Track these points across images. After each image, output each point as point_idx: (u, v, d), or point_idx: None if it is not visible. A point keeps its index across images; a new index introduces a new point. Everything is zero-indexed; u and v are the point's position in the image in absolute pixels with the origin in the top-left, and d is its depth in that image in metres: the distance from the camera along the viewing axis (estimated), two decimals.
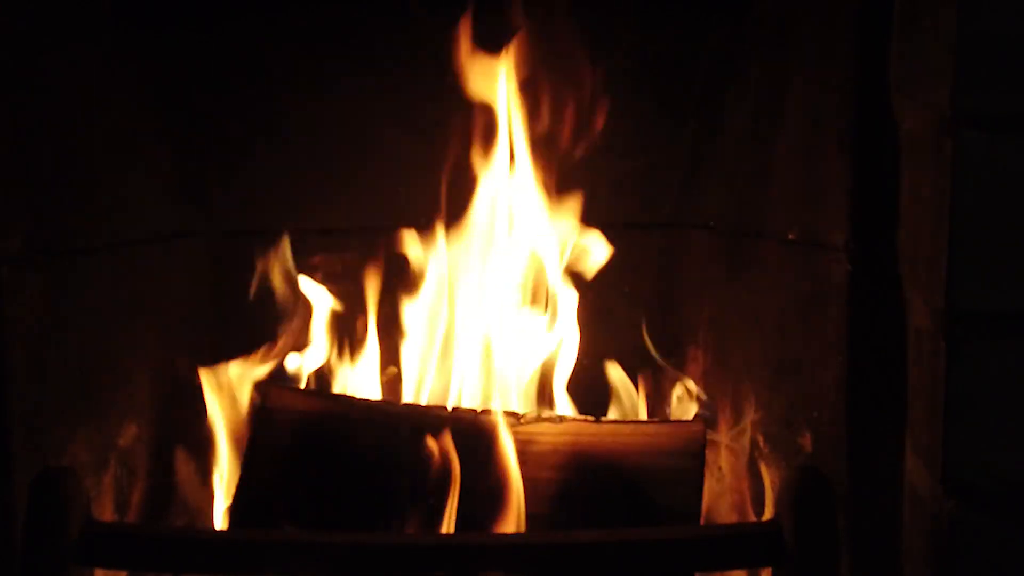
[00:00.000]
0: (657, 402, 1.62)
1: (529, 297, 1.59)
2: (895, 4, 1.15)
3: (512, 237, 1.57)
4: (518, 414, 1.43)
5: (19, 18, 1.28)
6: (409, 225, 1.59)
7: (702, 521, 1.41)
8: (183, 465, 1.61)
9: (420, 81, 1.57)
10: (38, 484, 1.21)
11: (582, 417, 1.50)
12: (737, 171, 1.54)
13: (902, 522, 1.15)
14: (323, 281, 1.62)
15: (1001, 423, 1.02)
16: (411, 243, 1.58)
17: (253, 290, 1.61)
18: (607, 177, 1.64)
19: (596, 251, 1.59)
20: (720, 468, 1.58)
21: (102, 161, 1.47)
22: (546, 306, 1.60)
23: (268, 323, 1.60)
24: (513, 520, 1.34)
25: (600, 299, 1.63)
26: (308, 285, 1.61)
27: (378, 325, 1.60)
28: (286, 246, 1.60)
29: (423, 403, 1.54)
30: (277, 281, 1.60)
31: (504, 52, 1.50)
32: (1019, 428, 1.02)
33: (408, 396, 1.58)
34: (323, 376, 1.61)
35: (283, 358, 1.58)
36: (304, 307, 1.61)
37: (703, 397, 1.55)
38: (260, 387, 1.54)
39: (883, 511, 1.18)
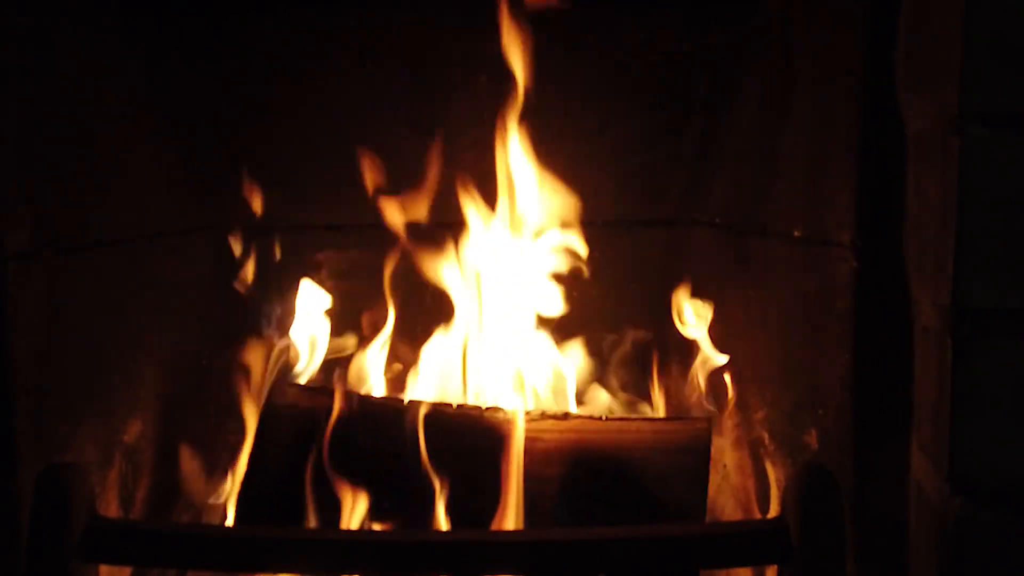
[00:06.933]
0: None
1: (532, 296, 1.59)
2: (902, 3, 1.15)
3: (515, 236, 1.57)
4: (524, 411, 1.43)
5: (27, 12, 1.28)
6: (414, 221, 1.59)
7: (707, 518, 1.41)
8: (188, 461, 1.62)
9: (427, 78, 1.57)
10: (43, 480, 1.21)
11: (587, 414, 1.50)
12: (742, 168, 1.54)
13: (908, 520, 1.15)
14: (329, 276, 1.62)
15: (1008, 421, 1.02)
16: (416, 240, 1.58)
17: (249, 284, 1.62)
18: (613, 174, 1.64)
19: (598, 249, 1.60)
20: (725, 465, 1.58)
21: (109, 156, 1.47)
22: (549, 305, 1.60)
23: (273, 318, 1.61)
24: (518, 517, 1.35)
25: (604, 296, 1.63)
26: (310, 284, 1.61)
27: (383, 322, 1.60)
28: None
29: (428, 400, 1.54)
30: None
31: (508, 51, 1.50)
32: None
33: (413, 393, 1.58)
34: (328, 373, 1.61)
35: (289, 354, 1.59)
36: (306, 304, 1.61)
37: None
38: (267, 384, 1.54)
39: (889, 509, 1.18)
